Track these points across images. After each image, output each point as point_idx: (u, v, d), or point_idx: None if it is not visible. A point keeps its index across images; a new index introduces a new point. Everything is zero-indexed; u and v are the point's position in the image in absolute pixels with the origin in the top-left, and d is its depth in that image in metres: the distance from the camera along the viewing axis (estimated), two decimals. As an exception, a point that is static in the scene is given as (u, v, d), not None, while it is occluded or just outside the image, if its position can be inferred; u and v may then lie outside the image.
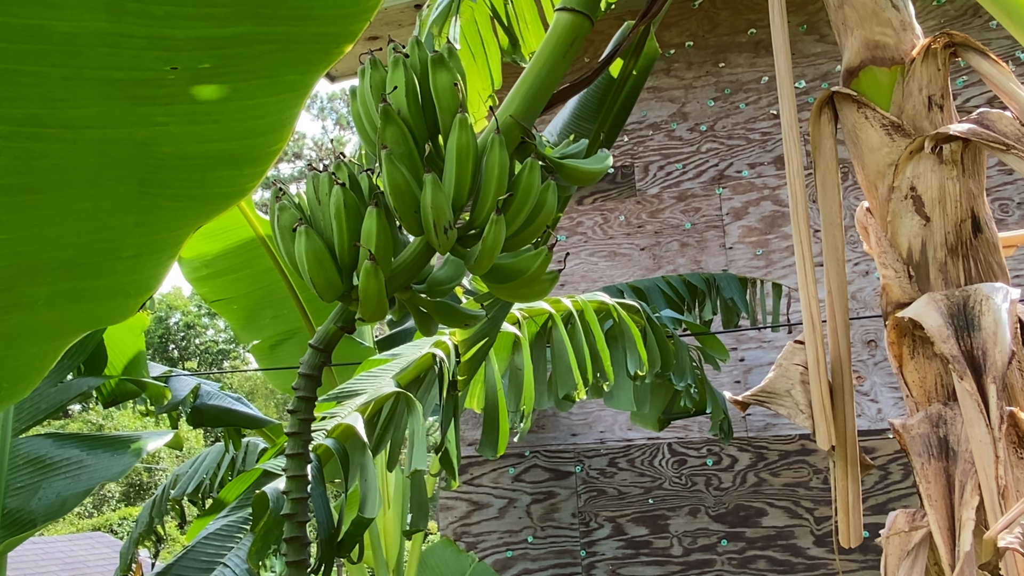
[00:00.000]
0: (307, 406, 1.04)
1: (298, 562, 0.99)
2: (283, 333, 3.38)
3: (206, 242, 3.27)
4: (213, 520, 1.45)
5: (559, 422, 5.06)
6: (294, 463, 1.02)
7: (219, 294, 3.31)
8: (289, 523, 1.01)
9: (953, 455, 0.90)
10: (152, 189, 0.76)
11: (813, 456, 4.43)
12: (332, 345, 1.05)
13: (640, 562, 4.62)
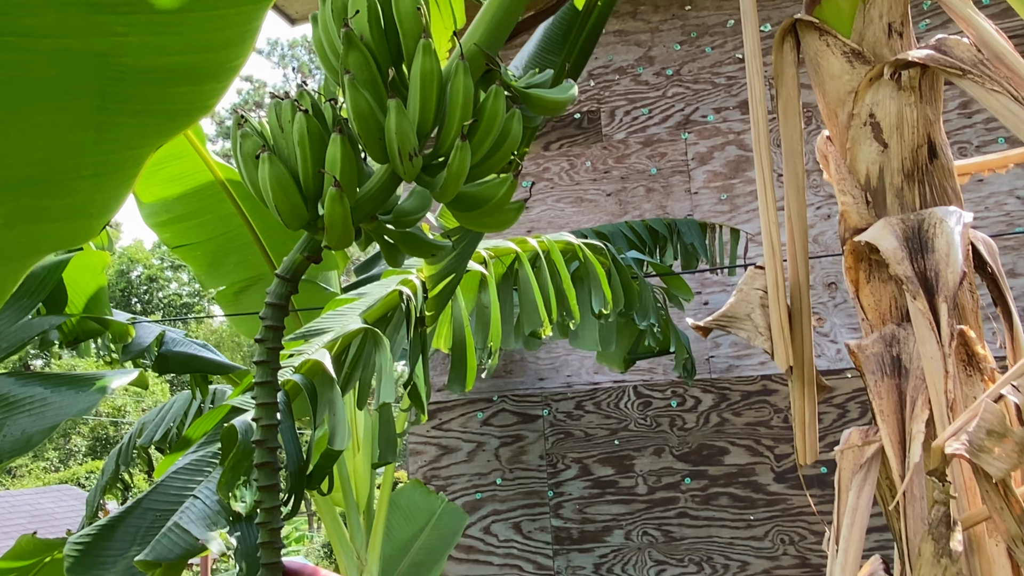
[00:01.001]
0: (275, 335, 1.04)
1: (269, 487, 1.01)
2: (248, 279, 3.34)
3: (165, 187, 3.20)
4: (181, 456, 1.46)
5: (526, 367, 5.12)
6: (263, 391, 1.03)
7: (181, 240, 3.26)
8: (260, 449, 1.02)
9: (905, 372, 0.93)
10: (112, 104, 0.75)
11: (774, 396, 4.54)
12: (299, 275, 1.05)
13: (606, 501, 4.74)
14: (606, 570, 4.66)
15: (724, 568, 4.45)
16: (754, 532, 4.44)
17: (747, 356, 4.66)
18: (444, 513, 3.60)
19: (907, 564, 0.87)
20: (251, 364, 1.10)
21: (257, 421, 1.02)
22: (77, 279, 2.32)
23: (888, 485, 1.00)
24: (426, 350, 1.73)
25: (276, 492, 1.02)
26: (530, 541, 4.83)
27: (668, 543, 4.57)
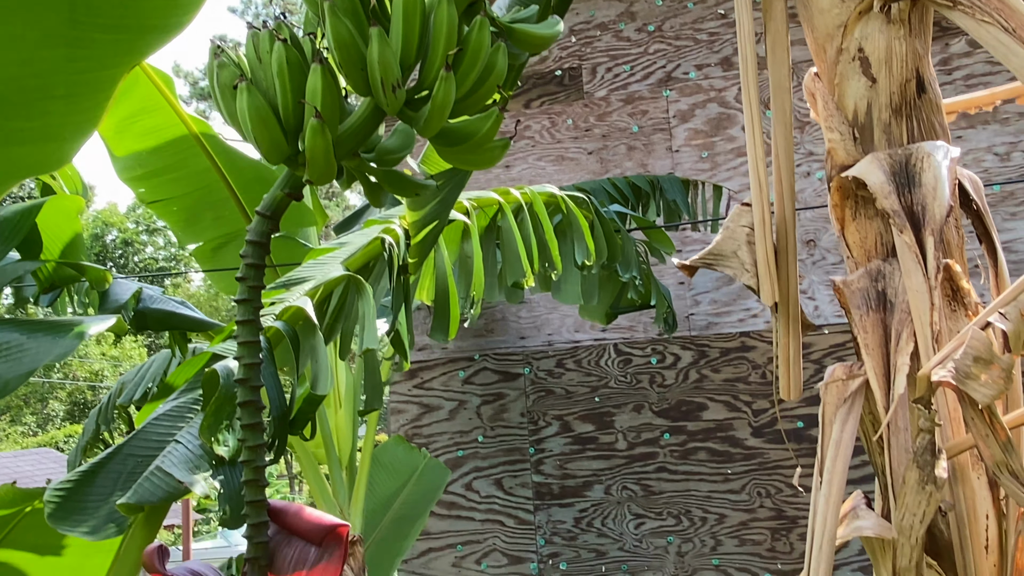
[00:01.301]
0: (256, 273, 1.02)
1: (252, 425, 1.00)
2: (225, 235, 3.29)
3: (139, 141, 3.13)
4: (162, 404, 1.44)
5: (508, 326, 5.12)
6: (245, 330, 1.01)
7: (156, 195, 3.20)
8: (242, 388, 1.01)
9: (890, 307, 0.94)
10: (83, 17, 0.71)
11: (752, 353, 4.58)
12: (279, 213, 1.03)
13: (586, 457, 4.78)
14: (586, 524, 4.73)
15: (702, 521, 4.53)
16: (731, 485, 4.52)
17: (726, 313, 4.69)
18: (427, 469, 3.62)
19: (890, 495, 0.88)
20: (232, 321, 1.08)
21: (239, 360, 1.01)
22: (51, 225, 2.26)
23: (871, 420, 1.01)
24: (409, 298, 1.71)
25: (260, 431, 1.01)
26: (511, 497, 4.88)
27: (647, 497, 4.64)
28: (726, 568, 4.44)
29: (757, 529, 4.42)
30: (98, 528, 1.21)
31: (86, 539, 1.20)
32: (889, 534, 0.99)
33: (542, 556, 4.76)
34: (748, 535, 4.43)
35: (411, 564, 4.91)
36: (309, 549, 1.09)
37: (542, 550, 4.76)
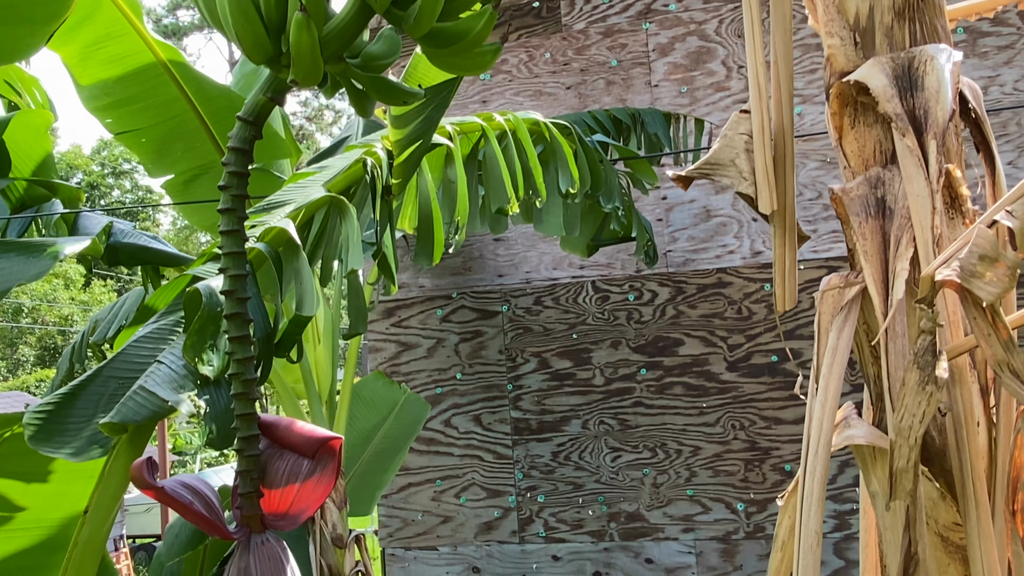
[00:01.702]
0: (239, 182, 0.98)
1: (240, 338, 0.97)
2: (197, 168, 3.20)
3: (104, 68, 3.01)
4: (141, 328, 1.41)
5: (485, 264, 5.10)
6: (229, 240, 0.98)
7: (124, 126, 3.09)
8: (229, 300, 0.98)
9: (889, 213, 0.93)
10: None
11: (728, 289, 4.61)
12: (262, 118, 0.99)
13: (564, 392, 4.83)
14: (563, 458, 4.79)
15: (677, 453, 4.61)
16: (706, 419, 4.59)
17: (703, 250, 4.70)
18: (406, 403, 3.63)
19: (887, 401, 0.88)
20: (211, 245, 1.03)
21: (225, 271, 0.98)
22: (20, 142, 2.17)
23: (865, 330, 1.01)
24: (393, 220, 1.68)
25: (247, 343, 0.98)
26: (490, 432, 4.92)
27: (623, 431, 4.70)
28: (700, 498, 4.55)
29: (731, 460, 4.51)
30: (82, 450, 1.19)
31: (70, 461, 1.18)
32: (881, 442, 1.00)
33: (520, 489, 4.83)
34: (722, 466, 4.52)
35: (391, 499, 4.96)
36: (302, 462, 1.08)
37: (520, 484, 4.83)
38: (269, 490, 1.10)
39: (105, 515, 1.21)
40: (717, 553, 4.49)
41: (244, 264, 0.99)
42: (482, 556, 4.83)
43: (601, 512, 4.69)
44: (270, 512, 1.09)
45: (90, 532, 1.20)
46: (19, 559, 1.92)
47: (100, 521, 1.20)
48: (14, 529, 1.87)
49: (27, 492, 1.82)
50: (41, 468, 1.78)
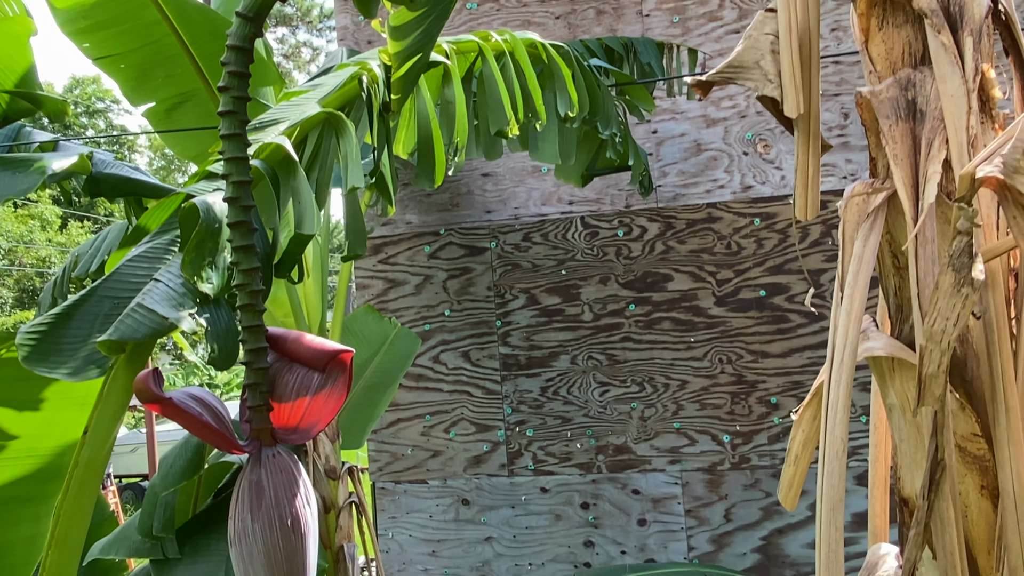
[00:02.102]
0: (240, 83, 0.93)
1: (245, 248, 0.93)
2: (179, 95, 3.10)
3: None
4: (133, 248, 1.36)
5: (473, 200, 5.04)
6: (231, 145, 0.93)
7: (103, 50, 2.96)
8: (233, 208, 0.94)
9: (921, 115, 0.90)
10: None
11: (718, 224, 4.59)
12: (262, 14, 0.93)
13: (553, 328, 4.83)
14: (552, 393, 4.82)
15: (664, 387, 4.65)
16: (694, 353, 4.62)
17: (693, 185, 4.66)
18: (397, 338, 3.61)
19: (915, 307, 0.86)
20: (202, 165, 0.99)
21: (227, 177, 0.93)
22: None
23: (888, 240, 0.99)
24: (390, 139, 1.62)
25: (253, 253, 0.94)
26: (479, 368, 4.93)
27: (612, 366, 4.73)
28: (687, 431, 4.60)
29: (717, 394, 4.56)
30: (78, 370, 1.15)
31: (67, 381, 1.15)
32: (900, 353, 0.99)
33: (509, 424, 4.86)
34: (709, 399, 4.57)
35: (380, 434, 4.99)
36: (312, 376, 1.05)
37: (509, 418, 4.87)
38: (279, 404, 1.08)
39: (105, 436, 1.18)
40: (703, 483, 4.57)
41: (247, 170, 0.94)
42: (471, 489, 4.89)
43: (589, 445, 4.74)
44: (280, 426, 1.07)
45: (90, 453, 1.17)
46: (12, 488, 1.90)
47: (100, 442, 1.17)
48: (7, 458, 1.84)
49: (19, 420, 1.79)
50: (32, 396, 1.75)
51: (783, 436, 4.44)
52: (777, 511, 4.44)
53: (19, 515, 1.92)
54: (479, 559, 4.88)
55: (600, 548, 4.70)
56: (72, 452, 1.83)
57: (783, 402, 4.45)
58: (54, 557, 1.13)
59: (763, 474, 4.48)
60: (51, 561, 1.13)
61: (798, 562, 4.40)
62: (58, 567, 1.13)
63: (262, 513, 0.99)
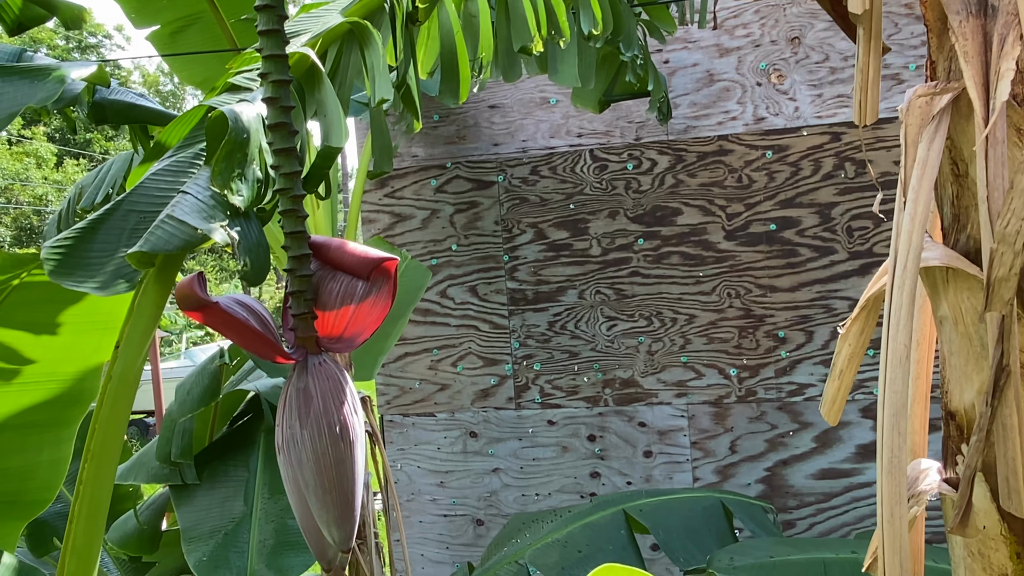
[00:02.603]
0: (278, -26, 0.88)
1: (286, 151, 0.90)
2: (184, 18, 3.00)
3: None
4: (155, 163, 1.32)
5: (481, 132, 4.96)
6: (269, 41, 0.89)
7: (101, -30, 2.86)
8: (272, 108, 0.90)
9: (992, 11, 0.85)
10: None
11: (729, 156, 4.53)
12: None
13: (560, 263, 4.81)
14: (559, 327, 4.83)
15: (672, 321, 4.65)
16: (702, 287, 4.61)
17: (705, 116, 4.59)
18: (407, 269, 3.58)
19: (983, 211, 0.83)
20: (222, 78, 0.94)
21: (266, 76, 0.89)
22: (8, -46, 2.00)
23: (947, 145, 0.96)
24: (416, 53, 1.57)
25: (294, 156, 0.91)
26: (486, 303, 4.93)
27: (619, 300, 4.72)
28: (694, 364, 4.62)
29: (725, 328, 4.56)
30: (107, 283, 1.13)
31: (96, 295, 1.12)
32: (957, 263, 0.96)
33: (516, 358, 4.88)
34: (716, 333, 4.58)
35: (388, 368, 5.01)
36: (356, 284, 1.02)
37: (516, 352, 4.88)
38: (323, 312, 1.05)
39: (137, 350, 1.17)
40: (709, 416, 4.61)
41: (287, 68, 0.90)
42: (479, 421, 4.93)
43: (596, 379, 4.77)
44: (324, 335, 1.05)
45: (123, 367, 1.16)
46: (34, 413, 1.90)
47: (132, 355, 1.15)
48: (27, 383, 1.83)
49: (38, 344, 1.77)
50: (52, 319, 1.72)
51: (790, 370, 4.46)
52: (782, 443, 4.49)
53: (41, 440, 1.92)
54: (486, 489, 4.95)
55: (606, 479, 4.77)
56: (93, 377, 1.82)
57: (791, 336, 4.46)
58: (91, 471, 1.12)
59: (769, 407, 4.52)
60: (88, 475, 1.13)
61: (801, 492, 4.47)
62: (95, 480, 1.13)
63: (310, 420, 0.98)
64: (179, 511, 2.51)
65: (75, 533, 1.10)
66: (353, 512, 0.99)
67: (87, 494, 1.12)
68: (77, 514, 1.11)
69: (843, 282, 4.39)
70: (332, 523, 0.99)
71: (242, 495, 2.50)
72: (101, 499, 1.14)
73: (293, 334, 1.06)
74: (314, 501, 0.98)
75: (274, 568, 2.35)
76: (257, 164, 1.13)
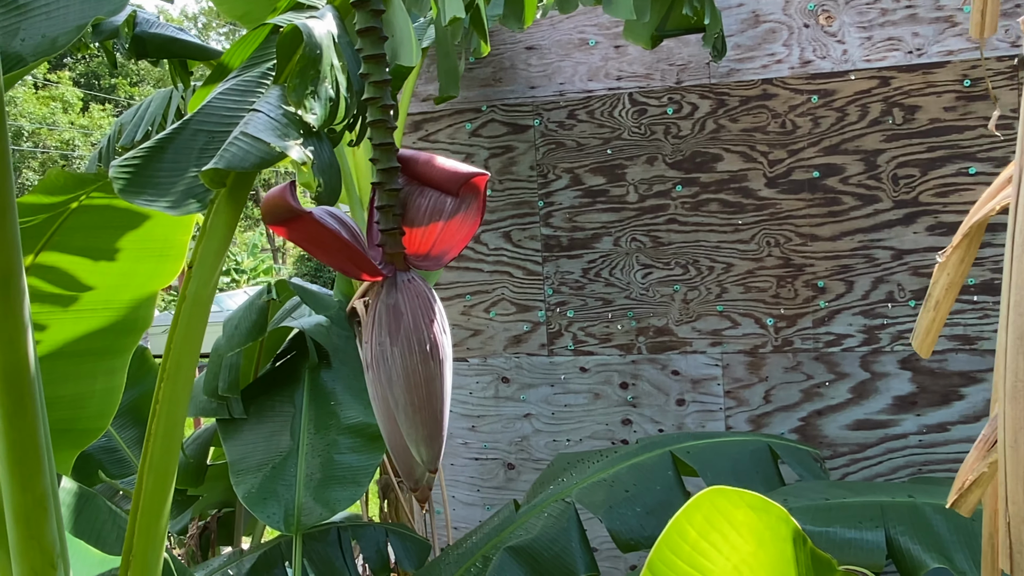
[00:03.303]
0: None
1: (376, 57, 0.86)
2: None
3: None
4: (219, 84, 1.29)
5: (517, 75, 4.87)
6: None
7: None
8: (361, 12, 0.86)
9: None
10: None
11: (773, 101, 4.42)
12: None
13: (596, 209, 4.75)
14: (593, 274, 4.80)
15: (709, 270, 4.60)
16: (741, 236, 4.54)
17: (749, 59, 4.46)
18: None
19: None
20: None
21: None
22: None
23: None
24: (483, -26, 1.52)
25: (383, 63, 0.87)
26: (520, 249, 4.90)
27: (655, 248, 4.68)
28: (729, 314, 4.58)
29: (763, 277, 4.51)
30: (178, 202, 1.11)
31: (167, 213, 1.10)
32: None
33: (549, 305, 4.87)
34: (754, 282, 4.53)
35: (422, 312, 5.00)
36: (444, 200, 0.99)
37: (550, 299, 4.86)
38: (410, 229, 1.03)
39: (210, 271, 1.15)
40: (743, 365, 4.58)
41: (377, -30, 0.86)
42: (511, 367, 4.95)
43: (630, 327, 4.74)
44: (411, 253, 1.02)
45: (196, 287, 1.14)
46: (88, 341, 1.90)
47: (206, 276, 1.14)
48: (83, 310, 1.83)
49: (95, 271, 1.77)
50: (108, 244, 1.72)
51: (828, 320, 4.41)
52: (818, 393, 4.46)
53: (95, 368, 1.94)
54: (517, 434, 4.98)
55: (638, 426, 4.78)
56: (147, 305, 1.82)
57: (830, 286, 4.40)
58: (167, 390, 1.12)
59: (805, 357, 4.48)
60: (164, 394, 1.12)
61: (835, 442, 4.46)
62: (170, 400, 1.12)
63: (401, 336, 0.95)
64: (226, 444, 2.54)
65: (152, 451, 1.10)
66: (442, 432, 0.97)
67: (164, 412, 1.12)
68: (154, 433, 1.11)
69: (886, 231, 4.31)
70: (421, 442, 0.97)
71: (288, 430, 2.52)
72: (177, 418, 1.13)
73: (380, 251, 1.04)
74: (403, 419, 0.96)
75: (321, 501, 2.38)
76: (329, 82, 1.09)
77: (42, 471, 1.04)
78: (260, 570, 2.50)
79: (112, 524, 1.85)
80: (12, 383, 1.03)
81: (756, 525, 0.77)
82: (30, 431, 1.01)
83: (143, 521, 1.11)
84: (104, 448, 3.46)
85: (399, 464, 1.03)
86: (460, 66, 3.72)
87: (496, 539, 2.29)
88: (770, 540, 0.77)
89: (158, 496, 1.11)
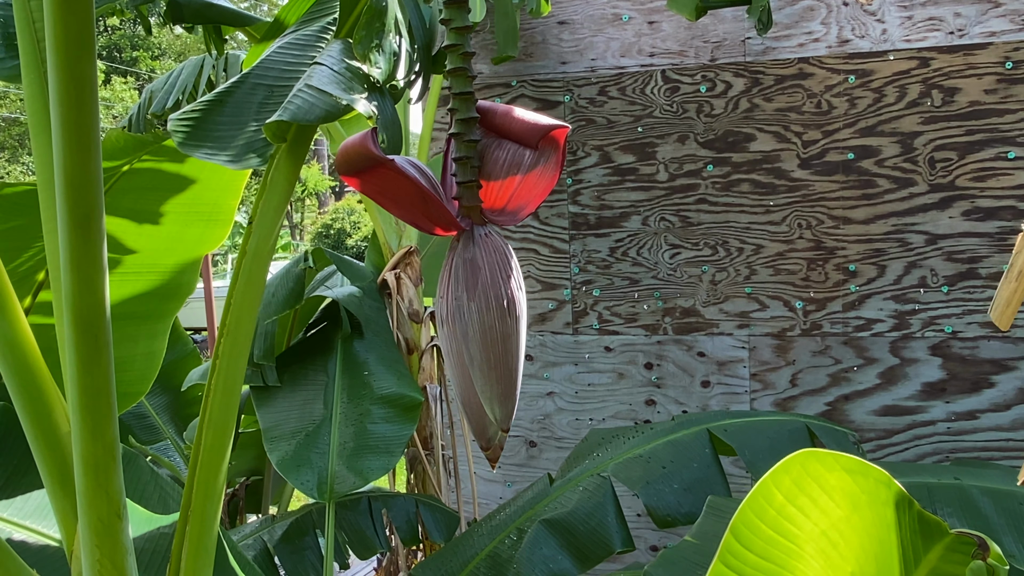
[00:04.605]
0: None
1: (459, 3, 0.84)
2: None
3: None
4: (275, 41, 1.26)
5: (548, 50, 4.82)
6: None
7: None
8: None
9: None
10: None
11: (809, 80, 4.35)
12: None
13: (625, 188, 4.71)
14: (621, 254, 4.76)
15: (738, 251, 4.55)
16: (772, 217, 4.49)
17: (785, 37, 4.39)
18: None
19: None
20: None
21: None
22: None
23: None
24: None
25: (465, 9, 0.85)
26: (547, 226, 4.87)
27: (685, 228, 4.63)
28: (758, 296, 4.54)
29: (793, 259, 4.46)
30: (239, 156, 1.09)
31: (228, 167, 1.09)
32: None
33: (576, 283, 4.84)
34: (784, 265, 4.48)
35: (447, 288, 4.99)
36: (523, 153, 0.97)
37: (576, 278, 4.84)
38: (487, 182, 1.00)
39: (271, 227, 1.14)
40: (771, 348, 4.54)
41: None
42: (535, 345, 4.93)
43: (656, 307, 4.71)
44: (488, 207, 1.00)
45: (257, 243, 1.13)
46: (132, 304, 1.90)
47: (266, 232, 1.12)
48: (127, 273, 1.83)
49: (141, 234, 1.76)
50: (156, 207, 1.71)
51: (858, 304, 4.36)
52: (845, 378, 4.42)
53: (138, 332, 1.93)
54: (540, 412, 4.98)
55: (661, 407, 4.76)
56: (191, 270, 1.82)
57: (862, 270, 4.34)
58: (226, 346, 1.11)
59: (834, 341, 4.43)
60: (224, 349, 1.11)
61: (862, 427, 4.42)
62: (230, 355, 1.11)
63: (478, 292, 0.94)
64: (260, 411, 2.55)
65: (211, 406, 1.10)
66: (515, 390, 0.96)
67: (223, 368, 1.11)
68: (214, 388, 1.10)
69: (921, 215, 4.24)
70: (495, 400, 0.95)
71: (322, 398, 2.52)
72: (236, 373, 1.13)
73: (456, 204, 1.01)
74: (478, 376, 0.94)
75: (354, 470, 2.38)
76: (393, 35, 1.07)
77: (112, 419, 1.03)
78: (292, 537, 2.51)
79: (155, 485, 1.86)
80: (88, 328, 1.03)
81: (851, 489, 0.75)
82: (103, 378, 1.01)
83: (202, 476, 1.11)
84: (134, 414, 3.48)
85: (471, 422, 1.02)
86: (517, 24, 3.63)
87: (531, 511, 2.29)
88: (866, 504, 0.75)
89: (217, 451, 1.10)
